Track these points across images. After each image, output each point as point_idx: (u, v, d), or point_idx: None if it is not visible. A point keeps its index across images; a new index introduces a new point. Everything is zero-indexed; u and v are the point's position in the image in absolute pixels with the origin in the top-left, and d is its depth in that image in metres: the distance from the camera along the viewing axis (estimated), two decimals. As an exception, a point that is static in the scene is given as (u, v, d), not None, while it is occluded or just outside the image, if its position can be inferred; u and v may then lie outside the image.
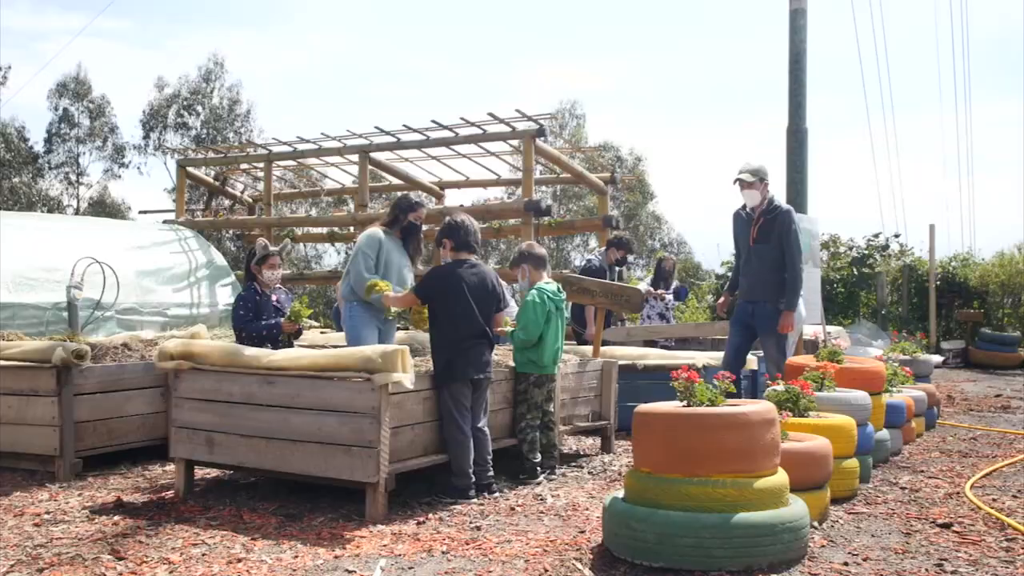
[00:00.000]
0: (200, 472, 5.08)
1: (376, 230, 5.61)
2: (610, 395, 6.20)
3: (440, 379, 4.62)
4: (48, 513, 4.33)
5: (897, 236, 17.06)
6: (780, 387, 5.02)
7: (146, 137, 29.72)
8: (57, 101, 29.60)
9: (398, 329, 6.01)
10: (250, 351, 4.60)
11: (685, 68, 50.16)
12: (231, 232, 15.84)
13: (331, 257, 26.74)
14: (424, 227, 6.05)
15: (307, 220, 14.19)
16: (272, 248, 5.88)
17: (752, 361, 7.34)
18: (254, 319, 5.72)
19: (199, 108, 29.41)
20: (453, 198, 14.23)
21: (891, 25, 55.35)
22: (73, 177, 30.23)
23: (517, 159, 14.81)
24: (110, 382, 5.44)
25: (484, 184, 13.84)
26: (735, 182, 6.32)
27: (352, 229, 12.99)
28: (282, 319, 5.78)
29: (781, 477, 3.62)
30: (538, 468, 5.10)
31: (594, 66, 45.63)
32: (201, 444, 4.59)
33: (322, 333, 8.70)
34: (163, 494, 4.72)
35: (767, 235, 6.25)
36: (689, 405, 3.75)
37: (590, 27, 49.29)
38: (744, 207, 6.44)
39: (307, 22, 46.16)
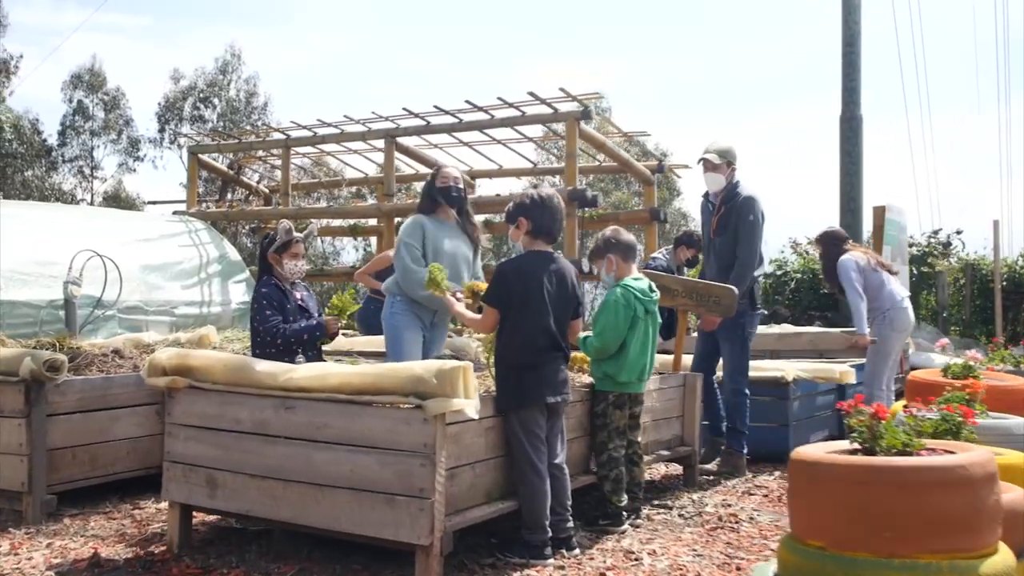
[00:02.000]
0: (202, 514, 4.06)
1: (417, 215, 4.64)
2: (694, 416, 5.15)
3: (507, 403, 3.58)
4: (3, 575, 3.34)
5: (959, 233, 15.88)
6: (932, 413, 3.95)
7: (161, 130, 28.88)
8: (71, 93, 28.83)
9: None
10: (263, 365, 3.57)
11: (685, 68, 48.99)
12: (246, 226, 14.94)
13: (348, 254, 25.77)
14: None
15: (328, 211, 13.14)
16: (297, 233, 4.86)
17: (849, 374, 6.28)
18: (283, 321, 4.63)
19: (215, 100, 28.53)
20: (486, 189, 13.21)
21: (928, 22, 53.71)
22: (87, 171, 29.46)
23: (551, 146, 13.73)
24: (93, 399, 4.44)
25: (518, 173, 12.80)
26: (699, 162, 5.41)
27: (376, 222, 12.03)
28: (323, 318, 4.64)
29: (1006, 556, 2.55)
30: (623, 514, 4.05)
31: (594, 66, 44.43)
32: (200, 485, 3.58)
33: (346, 336, 7.57)
34: (152, 546, 3.71)
35: (725, 226, 5.35)
36: (870, 452, 2.70)
37: (590, 27, 48.30)
38: (706, 195, 5.54)
39: (307, 22, 45.30)
